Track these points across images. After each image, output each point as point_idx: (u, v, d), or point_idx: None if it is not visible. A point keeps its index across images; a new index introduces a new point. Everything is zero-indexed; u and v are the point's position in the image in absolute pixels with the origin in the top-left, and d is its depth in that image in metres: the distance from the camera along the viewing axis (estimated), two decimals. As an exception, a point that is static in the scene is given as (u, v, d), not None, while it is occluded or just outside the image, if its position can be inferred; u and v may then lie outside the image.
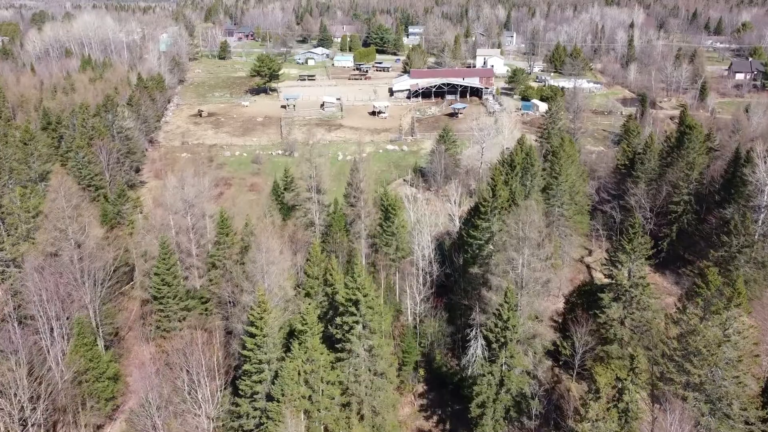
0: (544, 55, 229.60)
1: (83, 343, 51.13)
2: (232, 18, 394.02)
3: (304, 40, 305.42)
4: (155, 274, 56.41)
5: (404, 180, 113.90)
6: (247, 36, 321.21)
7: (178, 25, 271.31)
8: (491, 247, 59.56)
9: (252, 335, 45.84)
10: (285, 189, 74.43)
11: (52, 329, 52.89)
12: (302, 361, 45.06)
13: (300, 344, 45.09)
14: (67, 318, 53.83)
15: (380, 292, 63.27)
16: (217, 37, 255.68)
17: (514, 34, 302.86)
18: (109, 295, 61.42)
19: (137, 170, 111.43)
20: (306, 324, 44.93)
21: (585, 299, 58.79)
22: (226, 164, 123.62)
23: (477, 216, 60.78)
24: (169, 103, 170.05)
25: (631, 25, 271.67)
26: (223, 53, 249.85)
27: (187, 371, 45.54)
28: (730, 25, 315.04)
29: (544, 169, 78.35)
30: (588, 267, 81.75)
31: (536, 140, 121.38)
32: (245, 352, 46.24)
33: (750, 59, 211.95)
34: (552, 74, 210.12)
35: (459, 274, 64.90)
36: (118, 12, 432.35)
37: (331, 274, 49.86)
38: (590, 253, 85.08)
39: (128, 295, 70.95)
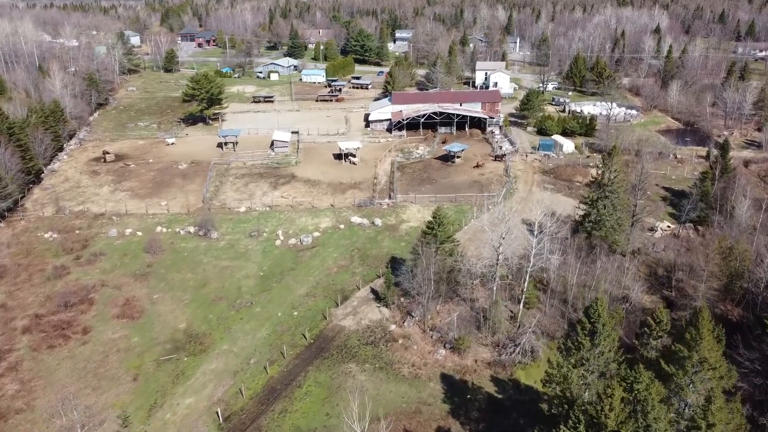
0: (558, 68, 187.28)
1: None
2: (200, 20, 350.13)
3: (274, 47, 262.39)
4: None
5: (372, 290, 71.90)
6: (208, 42, 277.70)
7: (114, 32, 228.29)
8: None
9: None
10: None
11: None
12: None
13: None
14: None
15: None
16: (162, 45, 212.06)
17: (518, 40, 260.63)
18: None
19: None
20: None
21: None
22: (104, 255, 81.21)
23: None
24: (70, 139, 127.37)
25: (657, 30, 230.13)
26: (170, 64, 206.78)
27: None
28: (765, 29, 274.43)
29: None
30: None
31: (578, 218, 79.88)
32: None
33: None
34: (570, 94, 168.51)
35: None
36: (77, 11, 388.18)
37: None
38: None
39: None
